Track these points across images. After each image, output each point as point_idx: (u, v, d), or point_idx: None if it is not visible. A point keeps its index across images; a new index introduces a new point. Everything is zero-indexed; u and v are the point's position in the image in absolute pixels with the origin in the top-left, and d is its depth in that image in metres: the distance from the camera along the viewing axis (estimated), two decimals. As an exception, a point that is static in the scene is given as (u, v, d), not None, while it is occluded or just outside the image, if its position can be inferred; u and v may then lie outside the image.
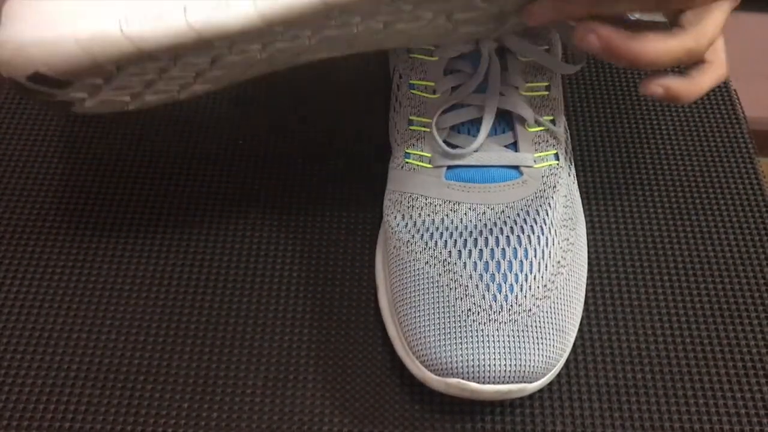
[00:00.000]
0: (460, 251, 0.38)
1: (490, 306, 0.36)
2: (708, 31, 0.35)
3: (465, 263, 0.38)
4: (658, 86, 0.37)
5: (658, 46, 0.35)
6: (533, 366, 0.36)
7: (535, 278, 0.37)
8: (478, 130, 0.41)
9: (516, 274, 0.37)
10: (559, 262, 0.39)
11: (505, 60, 0.42)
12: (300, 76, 0.54)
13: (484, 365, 0.35)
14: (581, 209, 0.43)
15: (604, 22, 0.35)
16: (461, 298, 0.37)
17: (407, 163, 0.42)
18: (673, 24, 0.36)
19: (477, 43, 0.41)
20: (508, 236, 0.38)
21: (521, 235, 0.38)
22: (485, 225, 0.39)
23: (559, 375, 0.40)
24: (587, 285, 0.44)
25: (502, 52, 0.42)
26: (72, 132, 0.50)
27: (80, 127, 0.51)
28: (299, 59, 0.37)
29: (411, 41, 0.39)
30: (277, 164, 0.49)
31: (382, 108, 0.50)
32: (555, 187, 0.41)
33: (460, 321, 0.36)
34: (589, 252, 0.45)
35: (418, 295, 0.38)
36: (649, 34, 0.35)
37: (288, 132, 0.51)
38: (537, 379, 0.37)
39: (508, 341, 0.36)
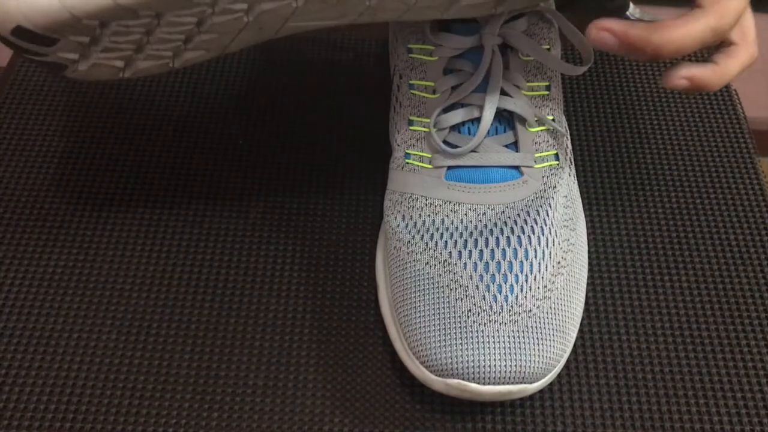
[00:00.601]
0: (460, 252, 0.38)
1: (491, 307, 0.36)
2: (732, 5, 0.32)
3: (465, 264, 0.38)
4: (681, 79, 0.35)
5: (680, 32, 0.32)
6: (533, 367, 0.36)
7: (535, 279, 0.37)
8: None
9: (516, 275, 0.37)
10: (559, 262, 0.39)
11: (507, 58, 0.42)
12: (300, 75, 0.54)
13: (484, 366, 0.35)
14: (581, 209, 0.43)
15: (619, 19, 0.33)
16: (461, 299, 0.37)
17: (407, 163, 0.42)
18: (692, 4, 0.33)
19: (480, 38, 0.41)
20: (508, 237, 0.38)
21: (521, 235, 0.38)
22: (485, 225, 0.39)
23: (559, 375, 0.40)
24: (587, 285, 0.44)
25: (505, 50, 0.42)
26: (72, 132, 0.50)
27: (80, 127, 0.51)
28: (290, 25, 0.36)
29: (409, 13, 0.37)
30: (277, 164, 0.49)
31: (382, 108, 0.50)
32: (555, 187, 0.41)
33: (460, 322, 0.36)
34: (589, 252, 0.45)
35: (419, 295, 0.38)
36: (667, 21, 0.32)
37: (288, 132, 0.51)
38: (537, 380, 0.36)
39: (509, 342, 0.36)
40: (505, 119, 0.42)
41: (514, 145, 0.41)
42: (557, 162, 0.42)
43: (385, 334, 0.41)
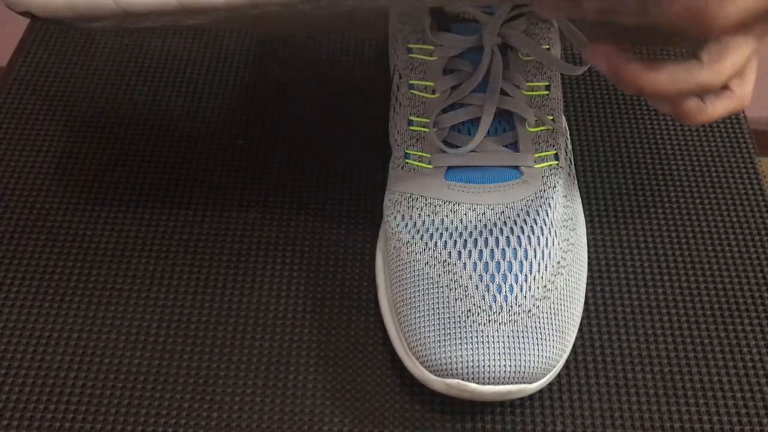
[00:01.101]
0: (460, 252, 0.38)
1: (490, 307, 0.36)
2: (727, 67, 0.33)
3: (465, 264, 0.38)
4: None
5: (668, 79, 0.33)
6: (533, 367, 0.36)
7: (534, 279, 0.37)
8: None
9: (516, 275, 0.37)
10: (558, 262, 0.39)
11: (507, 58, 0.42)
12: (300, 75, 0.54)
13: (483, 366, 0.35)
14: (581, 209, 0.43)
15: (616, 47, 0.34)
16: (461, 299, 0.37)
17: (407, 163, 0.42)
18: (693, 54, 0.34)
19: (480, 38, 0.41)
20: (508, 237, 0.38)
21: (521, 235, 0.38)
22: (485, 225, 0.39)
23: (559, 375, 0.40)
24: (587, 285, 0.44)
25: (504, 50, 0.42)
26: (72, 132, 0.50)
27: (80, 126, 0.51)
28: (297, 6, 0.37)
29: (416, 1, 0.38)
30: (277, 164, 0.49)
31: (382, 108, 0.50)
32: (555, 187, 0.41)
33: (459, 322, 0.36)
34: (589, 252, 0.45)
35: (418, 295, 0.38)
36: (661, 65, 0.33)
37: (288, 132, 0.51)
38: (537, 380, 0.37)
39: (508, 342, 0.36)
40: (505, 119, 0.42)
41: (514, 145, 0.41)
42: (557, 162, 0.42)
43: (385, 334, 0.41)
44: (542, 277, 0.38)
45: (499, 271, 0.37)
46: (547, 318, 0.37)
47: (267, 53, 0.56)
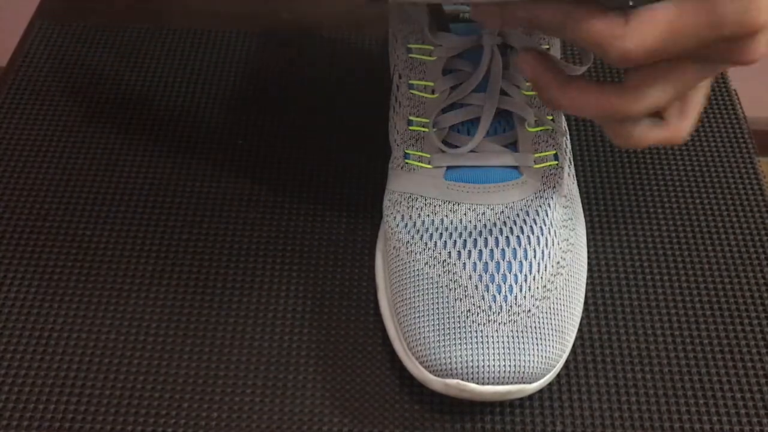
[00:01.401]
0: (459, 252, 0.38)
1: (490, 307, 0.36)
2: (646, 95, 0.31)
3: (464, 264, 0.38)
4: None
5: (588, 99, 0.32)
6: (532, 367, 0.36)
7: (534, 279, 0.37)
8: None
9: (515, 275, 0.37)
10: (558, 262, 0.39)
11: (507, 58, 0.42)
12: (300, 75, 0.54)
13: (483, 366, 0.35)
14: (581, 209, 0.43)
15: (546, 58, 0.33)
16: (460, 299, 0.37)
17: (407, 163, 0.42)
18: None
19: (480, 38, 0.41)
20: (507, 237, 0.38)
21: (521, 235, 0.38)
22: (485, 225, 0.39)
23: (558, 375, 0.40)
24: (587, 285, 0.44)
25: (504, 49, 0.42)
26: (72, 132, 0.50)
27: (80, 126, 0.51)
28: None
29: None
30: (277, 164, 0.49)
31: (382, 108, 0.50)
32: (555, 187, 0.41)
33: (459, 322, 0.36)
34: (588, 252, 0.45)
35: (418, 295, 0.38)
36: (577, 84, 0.33)
37: (288, 132, 0.51)
38: (536, 380, 0.36)
39: (508, 342, 0.36)
40: (505, 119, 0.42)
41: (514, 145, 0.41)
42: (556, 162, 0.42)
43: (385, 334, 0.41)
44: (542, 277, 0.38)
45: (499, 271, 0.37)
46: (546, 318, 0.37)
47: (266, 53, 0.56)
